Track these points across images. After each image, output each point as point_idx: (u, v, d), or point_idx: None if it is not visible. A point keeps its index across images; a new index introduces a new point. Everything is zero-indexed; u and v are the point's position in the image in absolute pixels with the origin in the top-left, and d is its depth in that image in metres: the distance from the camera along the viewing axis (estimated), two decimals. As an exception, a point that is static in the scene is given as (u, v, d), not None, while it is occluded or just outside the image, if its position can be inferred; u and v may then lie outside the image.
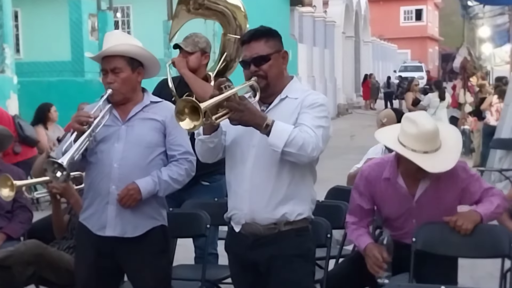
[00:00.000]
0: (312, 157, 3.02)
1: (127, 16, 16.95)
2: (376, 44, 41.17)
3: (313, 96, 3.15)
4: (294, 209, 3.14)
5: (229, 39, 5.05)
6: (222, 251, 5.91)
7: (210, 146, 3.18)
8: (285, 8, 22.96)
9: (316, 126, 3.03)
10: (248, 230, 3.17)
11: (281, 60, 3.20)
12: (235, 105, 2.95)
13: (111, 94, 3.53)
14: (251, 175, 3.13)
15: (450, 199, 3.72)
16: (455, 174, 3.66)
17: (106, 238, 3.53)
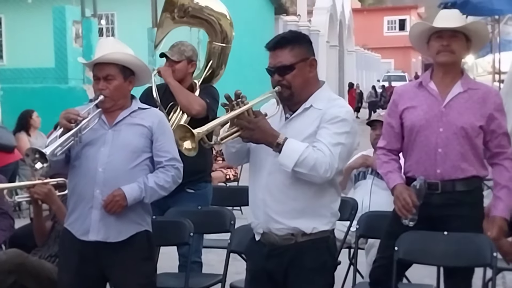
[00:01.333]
0: (325, 177, 2.92)
1: (112, 23, 16.93)
2: (360, 53, 41.39)
3: (336, 110, 3.01)
4: (311, 222, 3.03)
5: (215, 47, 5.07)
6: (207, 260, 5.93)
7: (232, 150, 3.13)
8: (270, 17, 23.06)
9: (333, 144, 2.93)
10: (266, 239, 3.10)
11: (307, 68, 3.06)
12: (245, 123, 2.90)
13: (102, 101, 3.53)
14: (267, 184, 3.04)
15: (476, 115, 3.66)
16: (489, 94, 3.69)
17: (89, 243, 3.52)
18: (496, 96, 3.75)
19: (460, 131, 3.66)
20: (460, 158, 3.68)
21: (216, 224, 4.74)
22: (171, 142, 3.65)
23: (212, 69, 5.04)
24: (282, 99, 3.06)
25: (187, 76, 4.79)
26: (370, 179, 5.04)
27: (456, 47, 3.69)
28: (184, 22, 5.09)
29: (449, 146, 3.68)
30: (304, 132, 2.99)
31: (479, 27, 3.81)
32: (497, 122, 3.67)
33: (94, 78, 3.60)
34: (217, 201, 5.69)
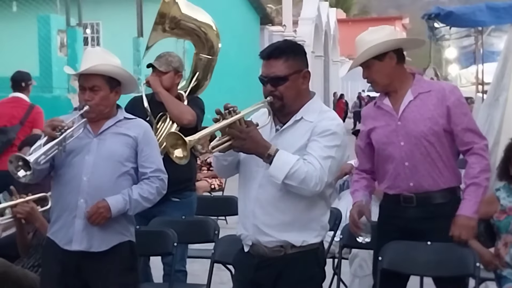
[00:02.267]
0: (315, 191, 2.91)
1: (97, 33, 16.89)
2: (345, 63, 41.54)
3: (327, 122, 3.00)
4: (300, 235, 3.02)
5: (202, 59, 5.10)
6: (191, 270, 5.91)
7: (224, 163, 3.11)
8: (255, 27, 23.12)
9: (324, 158, 2.92)
10: (255, 251, 3.08)
11: (300, 80, 3.05)
12: (237, 133, 2.89)
13: (87, 111, 3.52)
14: (257, 196, 3.03)
15: (433, 118, 3.62)
16: (443, 92, 3.64)
17: (72, 253, 3.51)
18: (450, 93, 3.67)
19: (421, 141, 3.64)
20: (428, 168, 3.67)
21: (200, 234, 4.74)
22: (156, 153, 3.66)
23: (198, 81, 5.07)
24: (273, 109, 3.05)
25: (173, 87, 4.82)
26: (354, 189, 5.04)
27: (375, 75, 3.72)
28: (174, 34, 5.14)
29: (414, 158, 3.67)
30: (295, 144, 2.98)
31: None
32: (454, 119, 3.62)
33: (80, 88, 3.60)
34: (202, 210, 5.69)
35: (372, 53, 3.68)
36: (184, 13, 4.99)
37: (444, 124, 3.65)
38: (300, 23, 30.17)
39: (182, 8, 4.98)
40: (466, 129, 3.64)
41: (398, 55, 3.73)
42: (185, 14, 5.00)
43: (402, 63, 3.76)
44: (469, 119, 3.69)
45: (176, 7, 4.94)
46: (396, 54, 3.71)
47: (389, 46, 3.69)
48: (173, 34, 5.13)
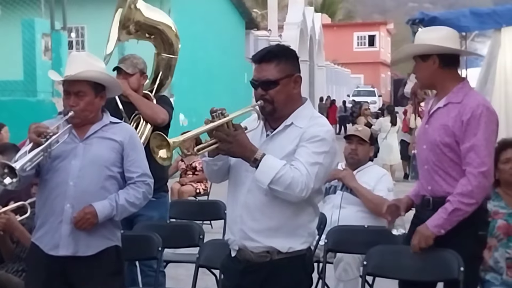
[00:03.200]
0: (301, 197, 2.88)
1: (82, 36, 16.83)
2: (330, 68, 41.70)
3: (316, 128, 2.97)
4: (286, 242, 2.99)
5: (163, 58, 5.14)
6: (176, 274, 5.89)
7: (214, 168, 3.09)
8: (241, 32, 23.13)
9: (311, 164, 2.89)
10: (242, 256, 3.07)
11: (291, 84, 3.03)
12: (223, 136, 2.87)
13: (72, 117, 3.51)
14: (245, 201, 3.01)
15: (450, 126, 3.59)
16: (464, 105, 3.57)
17: (57, 258, 3.49)
18: (470, 109, 3.56)
19: (435, 148, 3.63)
20: (442, 174, 3.64)
21: (185, 238, 4.73)
22: (142, 157, 3.65)
23: (160, 80, 5.12)
24: (264, 114, 3.04)
25: (140, 88, 4.87)
26: (340, 194, 5.06)
27: (418, 73, 3.76)
28: (137, 36, 5.17)
29: (430, 163, 3.66)
30: (284, 150, 2.96)
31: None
32: (463, 136, 3.55)
33: (64, 92, 3.58)
34: (187, 215, 5.69)
35: (411, 52, 3.76)
36: (146, 16, 5.05)
37: (457, 137, 3.58)
38: (285, 27, 30.26)
39: (144, 11, 5.04)
40: (470, 148, 3.53)
41: (443, 59, 3.66)
42: (147, 17, 5.07)
43: (448, 68, 3.69)
44: (478, 140, 3.52)
45: (139, 11, 5.00)
46: (440, 59, 3.66)
47: (428, 49, 3.68)
48: (136, 36, 5.17)
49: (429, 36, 3.73)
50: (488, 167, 3.50)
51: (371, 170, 5.13)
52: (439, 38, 3.67)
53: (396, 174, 14.05)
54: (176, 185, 9.32)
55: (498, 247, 4.03)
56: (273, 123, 3.08)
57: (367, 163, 5.17)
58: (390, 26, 58.32)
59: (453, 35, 3.76)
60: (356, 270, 4.73)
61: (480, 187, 3.49)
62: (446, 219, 3.53)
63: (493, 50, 9.30)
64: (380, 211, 4.84)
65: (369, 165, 5.19)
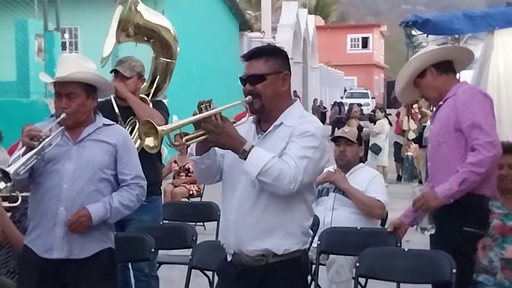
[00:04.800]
0: (289, 189, 2.87)
1: (75, 37, 16.81)
2: (324, 70, 41.75)
3: (306, 125, 2.98)
4: (281, 243, 2.98)
5: (161, 62, 5.14)
6: (168, 276, 5.88)
7: (202, 167, 3.07)
8: (235, 33, 23.15)
9: (300, 157, 2.89)
10: (237, 260, 3.05)
11: (279, 82, 3.05)
12: (212, 127, 2.86)
13: (64, 118, 3.50)
14: (239, 204, 3.01)
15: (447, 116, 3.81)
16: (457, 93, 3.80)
17: (51, 260, 3.48)
18: (462, 93, 3.81)
19: (435, 142, 3.85)
20: (439, 170, 3.85)
21: (177, 240, 4.73)
22: (136, 159, 3.65)
23: (158, 84, 5.11)
24: (253, 111, 3.05)
25: (137, 91, 4.84)
26: (333, 196, 5.07)
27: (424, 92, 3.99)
28: (136, 39, 5.16)
29: (433, 159, 3.91)
30: (275, 149, 2.95)
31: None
32: (461, 117, 3.74)
33: (55, 94, 3.57)
34: (180, 216, 5.69)
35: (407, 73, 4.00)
36: (146, 18, 5.04)
37: (455, 123, 3.78)
38: (279, 29, 30.30)
39: (144, 14, 5.03)
40: (472, 125, 3.71)
41: (438, 67, 3.92)
42: (147, 20, 5.05)
43: (446, 73, 3.93)
44: (477, 117, 3.72)
45: (140, 14, 4.99)
46: (435, 67, 3.92)
47: (420, 62, 3.95)
48: (135, 39, 5.16)
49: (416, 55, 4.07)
50: (493, 138, 3.68)
51: (363, 172, 5.14)
52: (425, 49, 4.00)
53: (389, 176, 14.07)
54: (169, 186, 9.32)
55: (493, 247, 4.04)
56: (264, 125, 3.09)
57: (358, 164, 5.19)
58: (383, 28, 58.45)
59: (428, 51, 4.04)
60: (348, 271, 4.73)
61: (489, 156, 3.66)
62: (457, 190, 3.68)
63: (486, 53, 9.32)
64: (372, 213, 4.88)
65: (361, 166, 5.20)
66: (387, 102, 43.46)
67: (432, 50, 4.02)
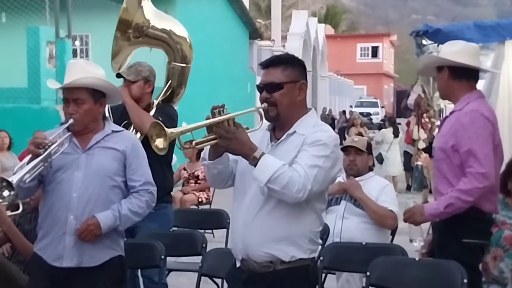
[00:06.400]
0: (298, 197, 2.87)
1: (86, 45, 16.87)
2: (333, 79, 41.75)
3: (319, 134, 2.99)
4: (289, 250, 2.98)
5: (174, 67, 5.13)
6: (178, 283, 5.88)
7: (214, 172, 3.09)
8: (245, 41, 23.18)
9: (310, 166, 2.89)
10: (245, 266, 3.06)
11: (296, 91, 3.06)
12: (223, 132, 2.88)
13: (72, 124, 3.50)
14: (247, 210, 3.01)
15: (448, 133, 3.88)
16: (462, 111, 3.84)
17: (61, 268, 3.47)
18: (465, 114, 3.82)
19: (438, 153, 3.91)
20: (440, 177, 3.91)
21: (187, 247, 4.73)
22: (145, 165, 3.65)
23: (172, 89, 5.11)
24: (268, 119, 3.07)
25: (144, 96, 4.83)
26: (343, 205, 5.05)
27: (437, 83, 4.09)
28: (141, 43, 5.14)
29: (436, 173, 3.99)
30: (286, 157, 2.95)
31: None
32: (460, 141, 3.77)
33: (64, 101, 3.58)
34: (189, 224, 5.69)
35: (424, 62, 4.28)
36: (151, 24, 5.02)
37: (453, 144, 3.81)
38: (289, 38, 30.33)
39: (147, 15, 5.00)
40: (469, 152, 3.75)
41: (453, 72, 3.93)
42: (152, 25, 5.03)
43: (459, 80, 3.93)
44: (475, 145, 3.74)
45: (140, 13, 4.96)
46: (450, 71, 3.93)
47: (435, 61, 4.08)
48: (141, 44, 5.14)
49: (444, 49, 4.07)
50: (487, 170, 3.71)
51: (373, 181, 5.12)
52: (450, 52, 3.95)
53: (399, 185, 14.03)
54: (179, 193, 9.32)
55: (504, 257, 4.03)
56: (278, 133, 3.09)
57: (367, 173, 5.17)
58: (393, 38, 58.44)
59: (469, 50, 3.99)
60: (358, 281, 4.71)
61: (479, 187, 3.71)
62: (441, 212, 3.78)
63: (496, 63, 9.29)
64: (384, 223, 4.85)
65: (370, 175, 5.18)
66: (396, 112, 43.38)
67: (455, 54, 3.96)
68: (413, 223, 3.99)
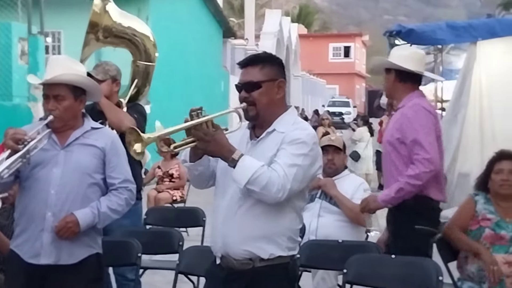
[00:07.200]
0: (277, 197, 2.88)
1: (58, 41, 16.73)
2: (306, 78, 41.90)
3: (297, 132, 2.99)
4: (267, 247, 2.98)
5: (139, 66, 5.16)
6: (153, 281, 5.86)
7: (195, 173, 3.09)
8: (218, 40, 23.17)
9: (289, 165, 2.90)
10: (225, 263, 3.06)
11: (275, 89, 3.07)
12: (201, 134, 2.88)
13: (52, 121, 3.47)
14: (227, 208, 3.02)
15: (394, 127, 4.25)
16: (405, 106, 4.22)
17: (38, 266, 3.44)
18: (408, 108, 4.20)
19: (386, 150, 4.31)
20: (388, 172, 4.29)
21: (164, 245, 4.71)
22: (124, 163, 3.63)
23: (138, 88, 5.13)
24: (248, 118, 3.07)
25: (112, 95, 4.84)
26: (319, 202, 5.08)
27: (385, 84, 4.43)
28: (108, 42, 5.19)
29: (385, 165, 4.35)
30: (265, 156, 2.96)
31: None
32: (405, 132, 4.14)
33: (44, 97, 3.55)
34: (164, 222, 5.67)
35: (375, 64, 4.68)
36: (116, 21, 5.06)
37: (398, 136, 4.17)
38: (262, 37, 30.36)
39: (114, 16, 5.04)
40: (414, 141, 4.10)
41: (399, 75, 4.31)
42: (118, 22, 5.07)
43: (404, 82, 4.31)
44: (419, 134, 4.10)
45: (108, 16, 5.00)
46: (397, 74, 4.32)
47: (385, 64, 4.43)
48: (107, 43, 5.18)
49: (394, 53, 4.44)
50: (431, 155, 4.07)
51: (348, 179, 5.16)
52: (399, 56, 4.35)
53: (372, 184, 14.15)
54: (153, 192, 9.29)
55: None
56: (257, 132, 3.10)
57: (343, 171, 5.21)
58: (365, 38, 58.80)
59: (415, 56, 4.41)
60: (334, 278, 4.74)
61: (426, 171, 4.05)
62: (393, 197, 4.12)
63: (468, 63, 9.39)
64: (359, 220, 4.90)
65: (346, 174, 5.22)
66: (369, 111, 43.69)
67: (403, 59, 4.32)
68: (368, 211, 4.39)
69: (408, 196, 4.09)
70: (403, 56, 4.34)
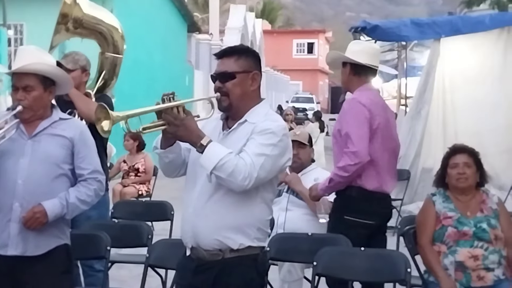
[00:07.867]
0: (243, 185, 2.89)
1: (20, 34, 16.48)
2: (270, 74, 41.92)
3: (267, 123, 3.01)
4: (237, 237, 3.00)
5: (107, 58, 5.17)
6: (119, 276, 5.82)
7: (166, 161, 3.10)
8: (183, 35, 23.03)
9: (257, 154, 2.92)
10: (195, 254, 3.07)
11: (249, 81, 3.09)
12: (171, 118, 2.89)
13: (20, 111, 3.43)
14: (197, 198, 3.03)
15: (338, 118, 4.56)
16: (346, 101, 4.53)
17: (6, 257, 3.40)
18: (345, 103, 4.49)
19: (332, 141, 4.54)
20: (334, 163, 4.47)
21: (133, 238, 4.70)
22: (93, 153, 3.60)
23: (105, 80, 5.13)
24: (220, 109, 3.10)
25: (81, 85, 4.83)
26: (286, 197, 5.11)
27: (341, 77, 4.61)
28: (77, 33, 5.18)
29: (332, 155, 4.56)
30: (236, 146, 2.98)
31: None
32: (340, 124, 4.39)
33: (12, 87, 3.50)
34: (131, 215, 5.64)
35: (331, 58, 4.82)
36: (86, 13, 5.05)
37: (338, 128, 4.42)
38: (227, 32, 30.30)
39: (84, 8, 5.04)
40: (346, 134, 4.31)
41: (354, 68, 4.49)
42: (88, 14, 5.07)
43: (358, 75, 4.49)
44: (350, 127, 4.31)
45: (78, 7, 4.99)
46: (351, 67, 4.49)
47: (340, 58, 4.58)
48: (76, 34, 5.17)
49: (350, 47, 4.57)
50: (359, 149, 4.26)
51: (315, 173, 5.20)
52: (354, 51, 4.51)
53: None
54: (118, 186, 9.22)
55: (447, 254, 4.13)
56: (230, 123, 3.12)
57: (310, 165, 5.25)
58: (328, 35, 59.11)
59: (369, 50, 4.60)
60: (300, 271, 4.78)
61: (351, 164, 4.26)
62: (327, 186, 4.42)
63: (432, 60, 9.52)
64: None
65: (313, 168, 5.27)
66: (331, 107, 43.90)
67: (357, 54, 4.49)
68: (313, 199, 4.64)
69: (339, 186, 4.36)
70: (357, 50, 4.52)
